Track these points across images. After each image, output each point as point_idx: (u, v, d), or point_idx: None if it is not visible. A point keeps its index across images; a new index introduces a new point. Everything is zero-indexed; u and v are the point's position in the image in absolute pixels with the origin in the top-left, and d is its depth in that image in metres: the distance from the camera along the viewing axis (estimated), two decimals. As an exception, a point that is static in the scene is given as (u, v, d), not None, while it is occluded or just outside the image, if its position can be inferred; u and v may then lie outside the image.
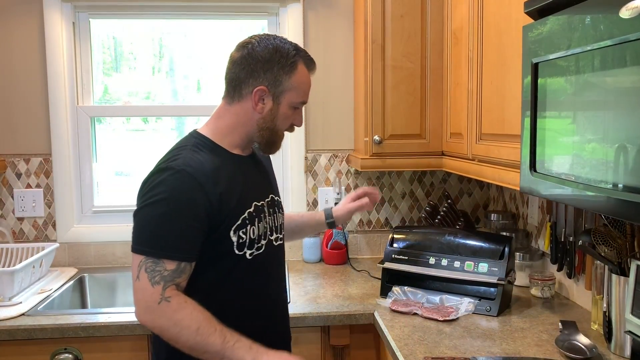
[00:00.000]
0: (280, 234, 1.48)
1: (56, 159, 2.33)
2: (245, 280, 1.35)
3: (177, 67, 2.50)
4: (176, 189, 1.23)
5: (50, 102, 2.30)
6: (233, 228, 1.30)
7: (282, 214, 1.52)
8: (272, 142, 1.41)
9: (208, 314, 1.24)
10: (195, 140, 1.35)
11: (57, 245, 2.22)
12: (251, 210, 1.34)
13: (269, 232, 1.41)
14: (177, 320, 1.21)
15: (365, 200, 1.74)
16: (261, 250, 1.37)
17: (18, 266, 1.91)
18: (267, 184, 1.48)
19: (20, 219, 2.35)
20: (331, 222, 1.75)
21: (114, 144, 2.49)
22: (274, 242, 1.44)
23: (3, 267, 2.16)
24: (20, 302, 1.87)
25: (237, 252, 1.32)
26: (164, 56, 2.50)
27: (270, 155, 1.59)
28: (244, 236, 1.32)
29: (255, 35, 1.37)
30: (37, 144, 2.33)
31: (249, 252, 1.34)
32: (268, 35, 1.37)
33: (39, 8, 2.27)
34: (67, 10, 2.30)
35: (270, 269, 1.43)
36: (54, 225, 2.36)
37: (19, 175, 2.34)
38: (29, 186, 2.34)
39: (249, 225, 1.33)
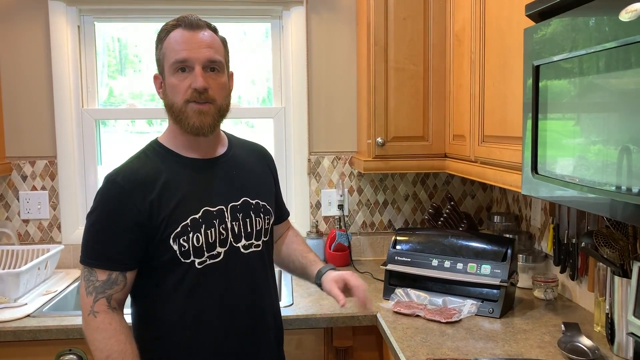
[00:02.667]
0: (258, 240, 1.38)
1: (61, 162, 2.35)
2: (197, 289, 1.29)
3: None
4: (105, 199, 1.26)
5: (55, 105, 2.32)
6: (172, 236, 1.25)
7: (265, 219, 1.41)
8: (177, 118, 1.29)
9: (125, 347, 1.21)
10: (146, 148, 1.36)
11: (62, 247, 2.23)
12: (197, 216, 1.28)
13: (232, 239, 1.33)
14: (93, 339, 1.22)
15: (343, 301, 1.36)
16: (218, 259, 1.30)
17: (23, 268, 1.92)
18: (237, 187, 1.38)
19: (26, 221, 2.37)
20: (318, 283, 1.47)
21: (118, 146, 2.50)
22: (242, 250, 1.34)
23: (8, 268, 2.17)
24: (26, 304, 1.89)
25: (182, 260, 1.27)
26: (168, 59, 2.51)
27: (271, 157, 1.56)
28: (185, 244, 1.26)
29: None
30: (43, 146, 2.35)
31: (197, 260, 1.28)
32: None
33: (44, 12, 2.29)
34: (72, 13, 2.32)
35: (233, 279, 1.33)
36: (59, 227, 2.37)
37: (24, 178, 2.35)
38: (34, 188, 2.36)
39: (192, 233, 1.27)
